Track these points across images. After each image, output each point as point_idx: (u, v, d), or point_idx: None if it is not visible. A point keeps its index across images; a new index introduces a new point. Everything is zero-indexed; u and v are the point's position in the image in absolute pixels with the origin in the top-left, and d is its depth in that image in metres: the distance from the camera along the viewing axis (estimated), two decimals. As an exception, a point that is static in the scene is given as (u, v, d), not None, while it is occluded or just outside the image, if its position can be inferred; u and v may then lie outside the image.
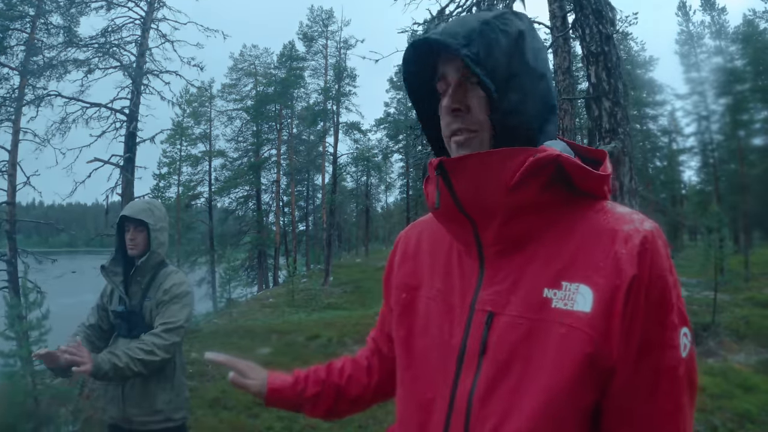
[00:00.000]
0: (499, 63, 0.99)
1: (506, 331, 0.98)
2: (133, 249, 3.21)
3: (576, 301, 0.93)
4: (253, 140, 41.33)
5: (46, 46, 19.12)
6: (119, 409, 3.09)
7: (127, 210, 3.20)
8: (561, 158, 0.97)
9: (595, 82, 5.84)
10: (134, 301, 3.21)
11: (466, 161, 0.99)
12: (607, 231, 0.97)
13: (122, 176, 17.82)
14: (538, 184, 0.99)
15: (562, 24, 10.59)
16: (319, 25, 40.98)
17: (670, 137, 37.96)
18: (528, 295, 0.98)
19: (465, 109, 1.04)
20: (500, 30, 1.02)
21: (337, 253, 46.61)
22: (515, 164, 0.97)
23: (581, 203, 1.03)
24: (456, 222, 1.08)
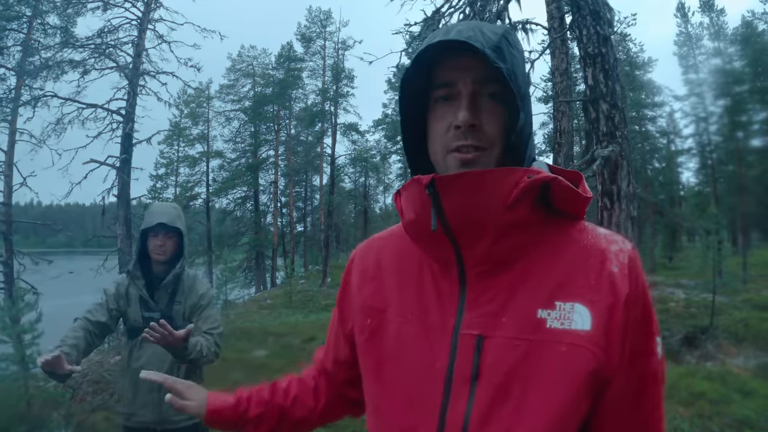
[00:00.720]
0: (520, 81, 0.99)
1: (502, 354, 0.96)
2: (161, 255, 3.27)
3: (573, 320, 0.94)
4: (251, 141, 41.29)
5: (42, 46, 19.14)
6: (156, 412, 3.16)
7: (163, 217, 3.23)
8: (555, 181, 0.99)
9: (592, 84, 5.79)
10: (161, 305, 3.27)
11: (461, 180, 0.96)
12: (596, 251, 1.00)
13: (118, 177, 17.79)
14: (528, 204, 0.98)
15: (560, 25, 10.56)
16: (318, 25, 40.98)
17: (669, 139, 37.99)
18: (521, 317, 0.97)
19: (479, 124, 1.00)
20: (516, 48, 1.02)
21: (335, 254, 46.55)
22: (510, 183, 0.96)
23: (562, 223, 1.05)
24: (436, 242, 1.04)
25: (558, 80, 11.23)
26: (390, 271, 1.19)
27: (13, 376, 6.36)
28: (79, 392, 7.70)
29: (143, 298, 3.25)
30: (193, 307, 3.32)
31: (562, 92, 11.05)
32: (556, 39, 9.59)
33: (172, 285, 3.32)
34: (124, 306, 3.25)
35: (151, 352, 3.17)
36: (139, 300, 3.26)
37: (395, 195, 1.12)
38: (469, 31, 0.98)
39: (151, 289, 3.29)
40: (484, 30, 0.99)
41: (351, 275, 1.29)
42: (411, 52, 15.92)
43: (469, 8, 8.68)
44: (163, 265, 3.31)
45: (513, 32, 1.06)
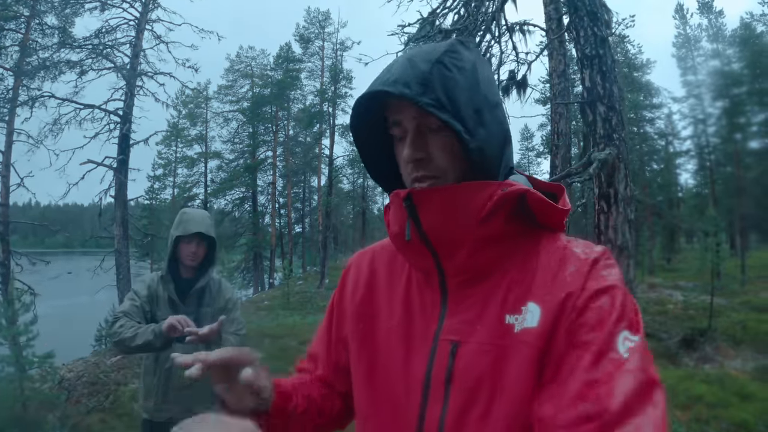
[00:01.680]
0: (461, 102, 0.99)
1: (473, 359, 0.99)
2: (193, 261, 3.41)
3: (526, 319, 0.97)
4: (249, 142, 41.28)
5: (40, 46, 19.16)
6: (185, 408, 3.22)
7: (200, 226, 3.35)
8: (528, 193, 1.02)
9: (589, 86, 5.76)
10: (190, 308, 3.37)
11: (435, 194, 1.01)
12: (561, 256, 1.02)
13: (115, 178, 17.78)
14: (502, 217, 1.03)
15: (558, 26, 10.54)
16: (316, 26, 40.95)
17: (667, 140, 38.03)
18: (493, 323, 1.00)
19: (427, 157, 1.04)
20: (455, 67, 1.01)
21: (333, 255, 46.53)
22: (483, 197, 1.00)
23: (540, 235, 1.08)
24: (417, 252, 1.08)
25: (555, 82, 11.22)
26: (382, 280, 1.23)
27: (9, 378, 6.34)
28: (75, 394, 7.67)
29: (173, 300, 3.37)
30: (221, 311, 3.42)
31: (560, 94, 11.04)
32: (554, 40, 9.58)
33: (201, 289, 3.46)
34: (154, 308, 3.37)
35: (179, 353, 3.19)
36: (169, 302, 3.38)
37: (385, 208, 1.16)
38: (398, 72, 1.00)
39: (180, 293, 3.41)
40: (416, 63, 1.00)
41: (347, 282, 1.32)
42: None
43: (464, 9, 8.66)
44: (192, 270, 3.45)
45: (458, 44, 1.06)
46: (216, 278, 3.61)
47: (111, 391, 7.97)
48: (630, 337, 0.91)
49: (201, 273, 3.49)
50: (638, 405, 0.84)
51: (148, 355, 3.43)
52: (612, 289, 0.96)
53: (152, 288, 3.41)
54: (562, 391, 0.89)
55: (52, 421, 6.64)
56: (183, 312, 3.28)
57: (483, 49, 8.49)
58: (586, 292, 0.95)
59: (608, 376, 0.87)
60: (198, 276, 3.48)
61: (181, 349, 3.26)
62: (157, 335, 3.00)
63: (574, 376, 0.89)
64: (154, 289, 3.41)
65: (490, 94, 1.05)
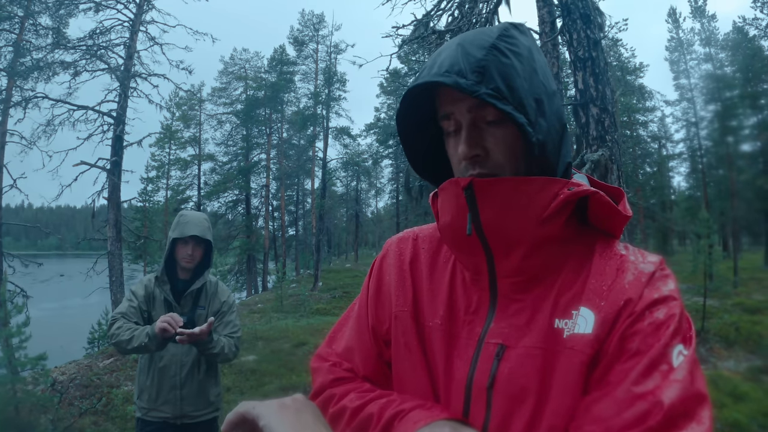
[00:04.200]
0: (522, 91, 0.91)
1: (520, 364, 0.95)
2: (190, 263, 3.47)
3: (578, 324, 0.93)
4: (243, 144, 41.24)
5: (34, 47, 19.09)
6: (177, 407, 3.41)
7: (196, 229, 3.43)
8: (596, 195, 0.98)
9: (582, 88, 5.77)
10: (185, 310, 3.47)
11: (499, 186, 0.93)
12: (617, 263, 0.98)
13: (109, 180, 17.73)
14: (563, 218, 0.98)
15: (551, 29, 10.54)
16: (310, 29, 40.99)
17: (660, 143, 38.22)
18: (542, 327, 0.96)
19: (483, 153, 0.96)
20: (512, 52, 0.93)
21: (327, 258, 46.57)
22: (549, 195, 0.94)
23: (596, 239, 1.03)
24: (469, 249, 1.01)
25: (549, 84, 11.24)
26: (424, 272, 1.15)
27: (1, 380, 6.30)
28: (67, 396, 7.65)
29: (169, 301, 3.45)
30: (216, 313, 3.51)
31: (553, 96, 11.05)
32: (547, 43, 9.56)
33: (197, 291, 3.52)
34: (150, 308, 3.45)
35: (172, 353, 3.40)
36: (164, 303, 3.45)
37: (432, 196, 1.08)
38: (449, 60, 0.93)
39: (175, 294, 3.48)
40: (468, 49, 0.92)
41: (384, 269, 1.23)
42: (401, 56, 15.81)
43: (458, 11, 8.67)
44: (188, 271, 3.51)
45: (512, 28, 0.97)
46: (213, 280, 3.67)
47: (103, 394, 7.95)
48: (683, 351, 0.88)
49: (197, 275, 3.54)
50: (682, 420, 0.82)
51: (143, 355, 3.47)
52: (669, 300, 0.92)
53: (149, 289, 3.47)
54: (608, 397, 0.85)
55: (44, 423, 6.63)
56: (178, 313, 3.32)
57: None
58: (643, 301, 0.91)
59: (657, 388, 0.83)
60: (194, 278, 3.52)
61: (175, 348, 3.35)
62: (151, 338, 3.06)
63: (623, 383, 0.85)
64: (151, 289, 3.47)
65: (548, 81, 0.98)
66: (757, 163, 28.43)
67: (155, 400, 3.40)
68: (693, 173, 35.14)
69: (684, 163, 36.88)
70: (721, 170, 31.24)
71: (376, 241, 75.81)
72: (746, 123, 29.78)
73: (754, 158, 28.94)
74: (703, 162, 33.27)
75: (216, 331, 3.45)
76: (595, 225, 1.04)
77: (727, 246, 31.02)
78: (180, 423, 3.44)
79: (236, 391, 8.16)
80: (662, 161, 37.41)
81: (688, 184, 36.35)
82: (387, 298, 1.18)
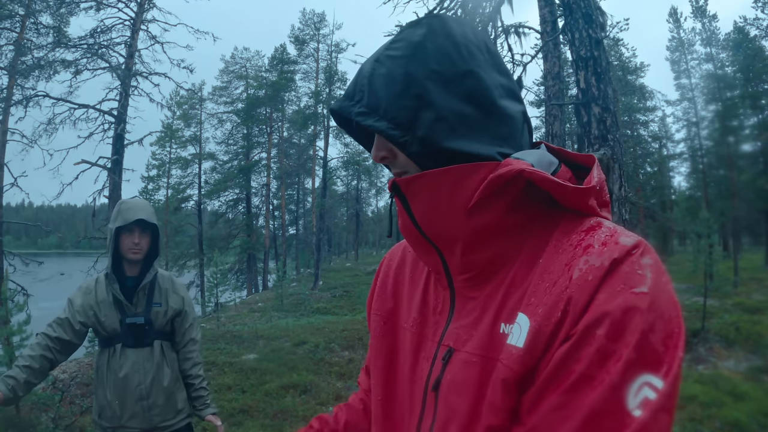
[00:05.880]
0: (392, 95, 0.89)
1: (459, 369, 0.87)
2: (137, 253, 3.13)
3: (513, 333, 0.81)
4: (244, 143, 41.26)
5: (35, 46, 19.08)
6: (145, 420, 3.10)
7: (141, 213, 3.09)
8: (525, 173, 0.83)
9: (584, 88, 5.78)
10: (139, 309, 3.16)
11: (417, 181, 0.89)
12: (573, 252, 0.81)
13: (109, 178, 17.73)
14: (503, 205, 0.87)
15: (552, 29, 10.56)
16: (311, 28, 41.01)
17: (661, 143, 38.18)
18: (484, 332, 0.87)
19: (390, 155, 0.96)
20: (390, 58, 0.91)
21: (327, 257, 46.57)
22: (474, 183, 0.86)
23: (565, 221, 0.88)
24: (423, 248, 0.97)
25: (550, 84, 11.23)
26: (407, 276, 1.15)
27: (1, 378, 6.30)
28: (68, 395, 7.64)
29: (119, 301, 3.12)
30: (178, 312, 3.27)
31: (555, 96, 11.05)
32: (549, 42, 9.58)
33: (149, 286, 3.22)
34: (95, 315, 3.09)
35: (133, 360, 3.08)
36: (114, 304, 3.12)
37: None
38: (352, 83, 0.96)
39: (125, 293, 3.14)
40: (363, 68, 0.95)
41: (378, 277, 1.25)
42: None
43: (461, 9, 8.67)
44: (136, 265, 3.18)
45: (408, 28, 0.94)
46: (165, 274, 3.37)
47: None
48: (653, 381, 0.68)
49: (145, 268, 3.22)
50: None
51: (98, 367, 3.14)
52: (631, 312, 0.70)
53: (91, 294, 3.14)
54: None
55: (45, 422, 6.62)
56: (131, 313, 3.12)
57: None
58: (590, 313, 0.72)
59: None
60: (143, 271, 3.20)
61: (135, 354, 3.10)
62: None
63: None
64: (94, 294, 3.14)
65: (448, 64, 0.89)
66: (758, 163, 28.41)
67: (120, 416, 3.07)
68: (694, 173, 35.12)
69: (685, 163, 36.90)
70: (722, 170, 31.22)
71: (376, 240, 75.92)
72: (747, 123, 29.81)
73: (754, 158, 28.93)
74: (703, 162, 33.26)
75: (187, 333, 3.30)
76: (563, 205, 0.88)
77: (727, 246, 31.01)
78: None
79: (237, 389, 8.17)
80: (663, 161, 37.38)
81: (689, 184, 36.34)
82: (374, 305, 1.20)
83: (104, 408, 3.09)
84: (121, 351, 3.09)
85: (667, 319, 0.71)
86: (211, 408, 3.36)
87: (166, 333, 3.24)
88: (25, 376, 2.80)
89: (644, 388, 0.67)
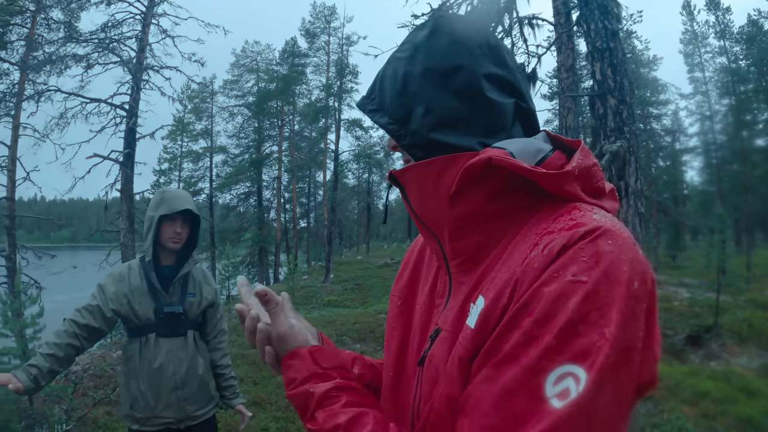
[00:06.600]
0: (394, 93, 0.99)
1: (437, 346, 0.92)
2: (177, 243, 3.15)
3: (471, 313, 0.85)
4: (255, 136, 41.32)
5: (46, 41, 19.18)
6: (178, 409, 3.10)
7: (186, 203, 3.13)
8: (493, 160, 0.84)
9: (600, 79, 5.73)
10: (174, 298, 3.17)
11: (407, 172, 0.98)
12: (534, 239, 0.82)
13: (122, 172, 17.80)
14: (483, 193, 0.90)
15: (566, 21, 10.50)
16: (322, 21, 40.98)
17: (674, 137, 37.97)
18: (458, 310, 0.92)
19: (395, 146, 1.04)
20: (396, 59, 1.01)
21: (338, 250, 46.61)
22: (453, 173, 0.90)
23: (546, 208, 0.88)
24: (425, 234, 1.04)
25: (564, 76, 11.17)
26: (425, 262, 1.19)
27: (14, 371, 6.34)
28: (81, 387, 7.68)
29: (155, 290, 3.11)
30: (211, 303, 3.31)
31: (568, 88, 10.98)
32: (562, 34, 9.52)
33: (184, 276, 3.22)
34: (128, 303, 3.06)
35: (167, 350, 3.08)
36: (150, 293, 3.11)
37: None
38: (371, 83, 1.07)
39: (162, 281, 3.15)
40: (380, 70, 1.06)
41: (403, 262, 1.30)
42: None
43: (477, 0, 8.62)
44: (172, 254, 3.20)
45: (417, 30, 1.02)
46: (197, 265, 3.38)
47: (117, 384, 7.99)
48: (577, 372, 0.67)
49: (183, 258, 3.25)
50: None
51: (129, 357, 3.11)
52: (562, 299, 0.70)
53: (124, 281, 3.11)
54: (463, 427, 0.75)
55: (58, 413, 6.65)
56: (166, 302, 3.12)
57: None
58: (526, 296, 0.74)
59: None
60: (181, 261, 3.23)
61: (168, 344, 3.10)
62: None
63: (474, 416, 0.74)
64: (127, 281, 3.11)
65: (441, 61, 0.94)
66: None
67: (154, 406, 3.05)
68: (707, 168, 34.92)
69: (698, 158, 36.68)
70: (736, 165, 31.05)
71: (387, 233, 75.98)
72: (761, 117, 29.59)
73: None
74: (717, 156, 33.07)
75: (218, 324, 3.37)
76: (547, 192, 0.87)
77: (740, 241, 30.83)
78: (183, 426, 3.15)
79: (249, 381, 8.19)
80: (675, 155, 37.19)
81: (702, 179, 36.13)
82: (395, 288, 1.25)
83: (137, 399, 3.07)
84: (154, 341, 3.08)
85: (604, 310, 0.69)
86: (241, 398, 3.44)
87: (198, 323, 3.27)
88: (49, 365, 2.78)
89: (567, 378, 0.67)
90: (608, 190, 0.94)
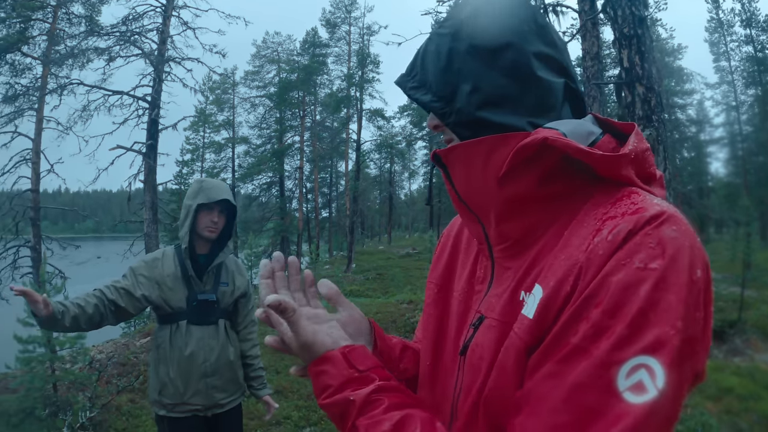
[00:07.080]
0: (438, 70, 0.93)
1: (483, 334, 0.90)
2: (213, 232, 3.19)
3: (527, 302, 0.81)
4: (276, 127, 41.36)
5: (67, 35, 19.38)
6: (208, 397, 3.14)
7: (225, 193, 3.18)
8: (549, 141, 0.80)
9: (627, 67, 5.63)
10: (207, 287, 3.20)
11: (454, 152, 0.93)
12: (595, 225, 0.79)
13: (144, 163, 17.96)
14: (535, 175, 0.87)
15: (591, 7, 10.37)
16: (342, 11, 40.90)
17: (699, 127, 37.47)
18: (508, 298, 0.88)
19: (441, 125, 0.97)
20: (439, 36, 0.95)
21: (360, 240, 46.74)
22: (504, 153, 0.86)
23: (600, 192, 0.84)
24: (467, 217, 1.00)
25: (589, 64, 11.01)
26: (462, 246, 1.16)
27: (40, 358, 6.42)
28: (105, 374, 7.76)
29: (189, 278, 3.14)
30: (243, 294, 3.34)
31: (594, 76, 10.84)
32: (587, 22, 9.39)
33: (218, 265, 3.26)
34: (159, 289, 3.08)
35: (198, 338, 3.11)
36: (184, 280, 3.14)
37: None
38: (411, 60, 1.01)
39: (196, 269, 3.18)
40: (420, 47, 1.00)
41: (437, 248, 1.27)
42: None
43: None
44: (207, 243, 3.23)
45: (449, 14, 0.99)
46: (231, 256, 3.42)
47: (141, 372, 8.06)
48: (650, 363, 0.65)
49: (218, 247, 3.28)
50: None
51: (159, 344, 3.13)
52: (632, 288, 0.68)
53: (157, 267, 3.14)
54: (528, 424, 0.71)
55: (82, 401, 6.73)
56: (199, 290, 3.15)
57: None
58: (593, 286, 0.71)
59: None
60: (215, 250, 3.26)
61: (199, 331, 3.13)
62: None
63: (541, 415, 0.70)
64: (161, 267, 3.14)
65: (488, 38, 0.90)
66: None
67: (183, 393, 3.07)
68: (733, 159, 34.43)
69: (723, 149, 36.17)
70: (762, 157, 30.58)
71: (409, 223, 75.98)
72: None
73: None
74: (743, 148, 32.58)
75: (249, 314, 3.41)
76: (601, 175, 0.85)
77: (766, 235, 30.40)
78: (211, 414, 3.17)
79: (271, 370, 8.21)
80: (700, 146, 36.72)
81: (727, 171, 35.65)
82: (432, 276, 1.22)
83: (166, 385, 3.09)
84: (186, 328, 3.11)
85: (671, 299, 0.67)
86: (268, 389, 3.50)
87: (229, 312, 3.31)
88: (76, 311, 2.77)
89: (640, 370, 0.65)
90: (658, 176, 0.89)
